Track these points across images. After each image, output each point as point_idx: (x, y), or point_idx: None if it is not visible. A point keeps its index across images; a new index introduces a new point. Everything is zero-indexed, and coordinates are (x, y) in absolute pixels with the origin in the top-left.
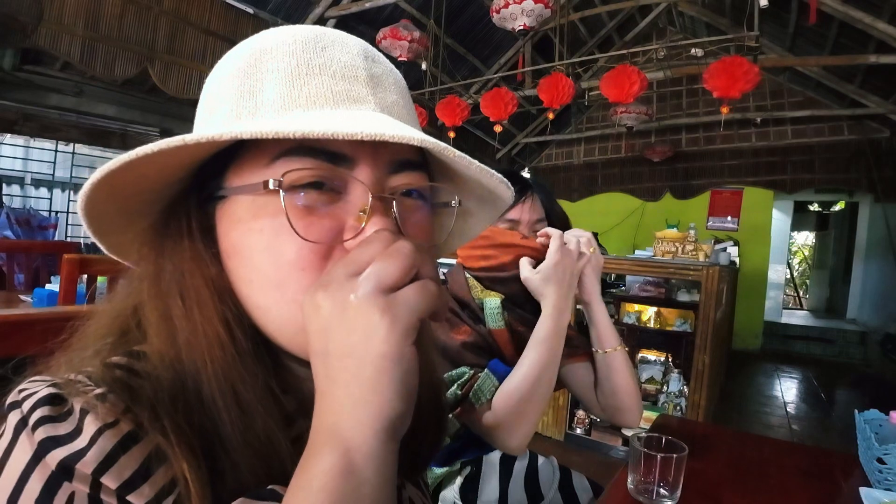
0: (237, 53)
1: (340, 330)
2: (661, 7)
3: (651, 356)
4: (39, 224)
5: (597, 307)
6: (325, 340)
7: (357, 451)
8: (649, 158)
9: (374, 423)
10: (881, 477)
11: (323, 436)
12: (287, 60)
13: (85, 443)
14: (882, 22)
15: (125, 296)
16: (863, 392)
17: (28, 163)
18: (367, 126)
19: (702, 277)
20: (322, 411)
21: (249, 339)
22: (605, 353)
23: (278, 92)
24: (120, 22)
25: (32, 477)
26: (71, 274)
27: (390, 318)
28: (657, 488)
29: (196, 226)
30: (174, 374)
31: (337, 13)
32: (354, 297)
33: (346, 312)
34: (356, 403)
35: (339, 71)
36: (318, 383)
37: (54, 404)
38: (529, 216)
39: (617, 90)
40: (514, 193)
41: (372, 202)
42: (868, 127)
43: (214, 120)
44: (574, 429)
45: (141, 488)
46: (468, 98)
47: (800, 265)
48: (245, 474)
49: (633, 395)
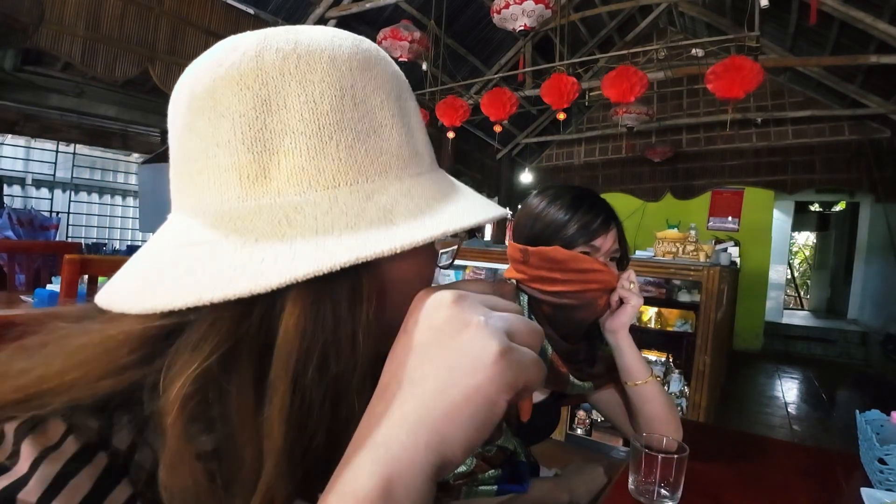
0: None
1: (451, 340)
2: (661, 7)
3: (652, 356)
4: (41, 224)
5: (624, 339)
6: (427, 339)
7: (399, 479)
8: (650, 159)
9: (429, 453)
10: (882, 477)
11: (369, 448)
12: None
13: (25, 470)
14: (883, 22)
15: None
16: (864, 392)
17: (29, 163)
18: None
19: (702, 278)
20: (377, 416)
21: None
22: (635, 386)
23: (396, 141)
24: (121, 22)
25: None
26: (72, 274)
27: (505, 361)
28: (658, 489)
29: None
30: None
31: (337, 13)
32: (484, 321)
33: (467, 328)
34: (422, 421)
35: (420, 123)
36: (388, 380)
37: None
38: (610, 245)
39: (618, 90)
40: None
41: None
42: (869, 127)
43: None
44: (575, 429)
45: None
46: (469, 98)
47: (800, 265)
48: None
49: (670, 423)
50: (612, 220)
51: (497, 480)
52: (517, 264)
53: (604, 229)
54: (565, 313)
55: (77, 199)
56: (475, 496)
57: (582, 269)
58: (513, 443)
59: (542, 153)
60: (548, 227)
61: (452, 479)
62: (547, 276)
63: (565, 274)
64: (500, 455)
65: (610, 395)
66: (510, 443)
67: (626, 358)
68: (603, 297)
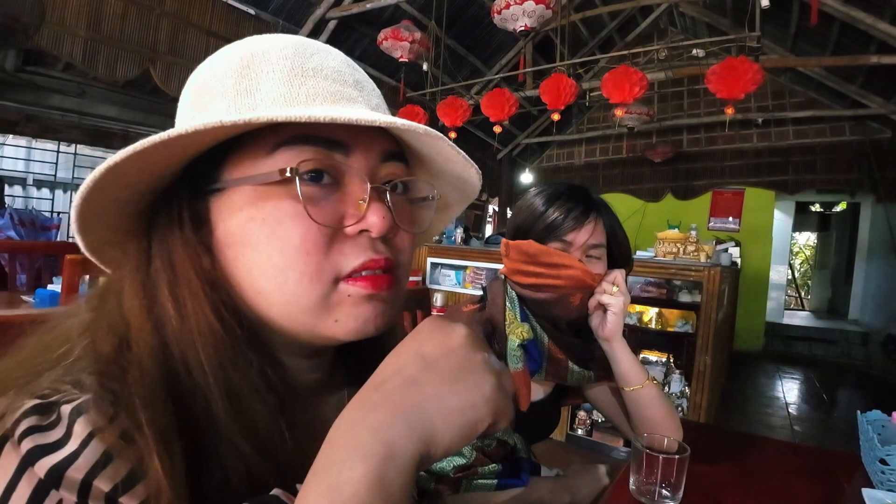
0: (226, 55)
1: (460, 362)
2: (662, 8)
3: (652, 357)
4: (42, 225)
5: (618, 345)
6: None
7: (391, 461)
8: (650, 159)
9: (419, 443)
10: (884, 478)
11: (363, 431)
12: (282, 63)
13: (75, 447)
14: (883, 22)
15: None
16: (865, 393)
17: (30, 164)
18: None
19: (703, 278)
20: (372, 404)
21: (242, 325)
22: (632, 391)
23: (278, 91)
24: (122, 23)
25: (19, 487)
26: (73, 275)
27: (497, 395)
28: (659, 489)
29: (188, 218)
30: (160, 364)
31: (338, 14)
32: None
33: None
34: (420, 414)
35: (330, 74)
36: (388, 375)
37: (41, 413)
38: (585, 239)
39: (618, 91)
40: (481, 179)
41: (370, 191)
42: (870, 127)
43: (208, 116)
44: (575, 430)
45: (134, 489)
46: (469, 99)
47: (801, 266)
48: (242, 463)
49: (669, 426)
50: (591, 214)
51: (497, 475)
52: (503, 257)
53: (577, 224)
54: (541, 308)
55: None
56: (475, 490)
57: (552, 264)
58: (513, 438)
59: (542, 153)
60: (526, 221)
61: (452, 473)
62: (523, 269)
63: (538, 268)
64: (500, 450)
65: (609, 395)
66: (511, 438)
67: (622, 365)
68: (577, 294)
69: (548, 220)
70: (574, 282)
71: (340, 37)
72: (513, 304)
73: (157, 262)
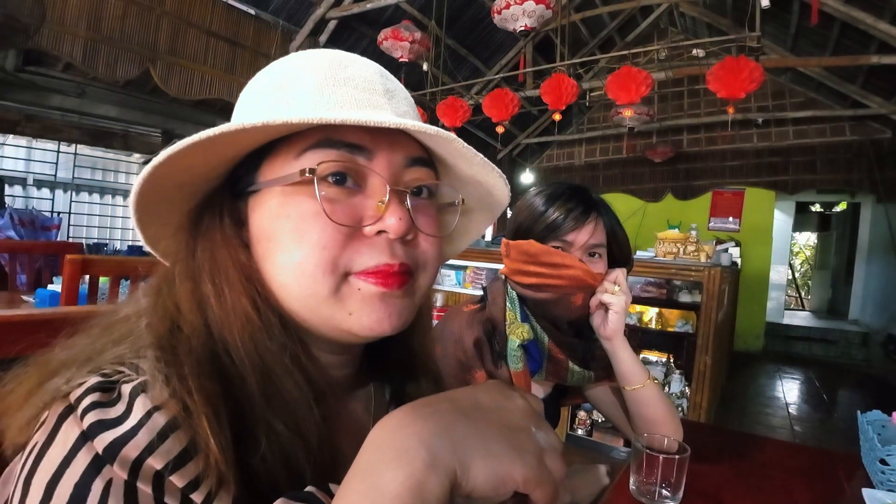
0: (268, 73)
1: (515, 419)
2: (662, 8)
3: (652, 357)
4: (43, 225)
5: (620, 344)
6: (494, 404)
7: (433, 472)
8: (651, 159)
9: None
10: (884, 478)
11: (407, 439)
12: (315, 75)
13: (134, 423)
14: (884, 22)
15: (153, 289)
16: (865, 393)
17: (30, 164)
18: (391, 119)
19: (703, 278)
20: (418, 413)
21: (275, 315)
22: (633, 390)
23: (310, 101)
24: (122, 23)
25: (76, 459)
26: (73, 274)
27: (542, 466)
28: (659, 489)
29: (228, 216)
30: (204, 344)
31: (338, 14)
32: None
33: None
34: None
35: (360, 84)
36: (439, 400)
37: (104, 391)
38: (586, 239)
39: (623, 92)
40: (509, 192)
41: (390, 193)
42: (870, 127)
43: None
44: (575, 430)
45: (185, 467)
46: (469, 99)
47: (801, 266)
48: (276, 440)
49: (669, 426)
50: (591, 214)
51: None
52: (504, 258)
53: (577, 224)
54: (542, 308)
55: (78, 200)
56: None
57: (553, 264)
58: None
59: (542, 153)
60: (526, 221)
61: None
62: (524, 269)
63: (539, 267)
64: None
65: (609, 395)
66: None
67: (623, 364)
68: (578, 294)
69: (548, 220)
70: (575, 281)
71: (340, 37)
72: (513, 304)
73: (201, 254)
